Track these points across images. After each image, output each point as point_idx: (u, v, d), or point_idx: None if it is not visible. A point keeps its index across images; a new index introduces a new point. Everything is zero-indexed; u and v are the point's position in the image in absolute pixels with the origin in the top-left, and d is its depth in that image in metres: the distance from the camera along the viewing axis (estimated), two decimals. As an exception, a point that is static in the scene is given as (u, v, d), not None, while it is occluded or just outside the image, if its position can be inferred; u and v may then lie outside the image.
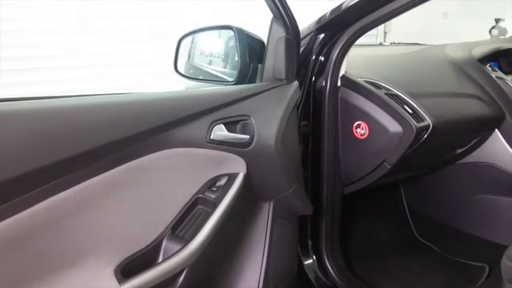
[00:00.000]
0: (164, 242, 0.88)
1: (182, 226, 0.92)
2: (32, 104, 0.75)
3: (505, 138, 1.61)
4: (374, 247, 1.87)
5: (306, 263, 1.50)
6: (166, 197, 0.91)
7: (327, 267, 1.49)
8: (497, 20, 2.35)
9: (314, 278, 1.50)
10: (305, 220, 1.46)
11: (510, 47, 1.83)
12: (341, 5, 1.28)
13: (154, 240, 0.88)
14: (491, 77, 1.65)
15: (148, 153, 0.86)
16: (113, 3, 3.33)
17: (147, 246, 0.86)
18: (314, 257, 1.50)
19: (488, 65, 1.73)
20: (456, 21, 3.94)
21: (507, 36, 2.32)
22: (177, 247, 0.87)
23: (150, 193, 0.88)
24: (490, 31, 2.39)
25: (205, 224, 0.91)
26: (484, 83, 1.63)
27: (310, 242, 1.50)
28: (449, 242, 1.89)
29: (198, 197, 0.95)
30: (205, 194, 0.96)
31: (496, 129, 1.61)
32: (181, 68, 1.39)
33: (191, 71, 1.41)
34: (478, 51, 1.76)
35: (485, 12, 2.87)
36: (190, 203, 0.94)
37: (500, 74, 1.71)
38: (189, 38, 1.42)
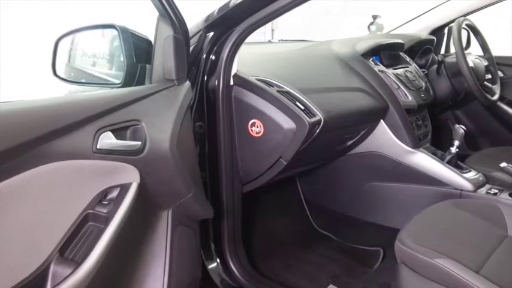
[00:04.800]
0: (52, 267, 0.80)
1: (72, 247, 0.84)
2: None
3: (389, 128, 1.71)
4: (276, 242, 1.89)
5: (210, 267, 1.48)
6: (52, 216, 0.82)
7: (232, 269, 1.48)
8: (374, 17, 2.50)
9: (219, 281, 1.48)
10: (206, 223, 1.43)
11: (389, 42, 1.96)
12: (229, 2, 1.26)
13: (40, 266, 0.79)
14: (374, 71, 1.75)
15: (27, 169, 0.77)
16: None
17: (33, 273, 0.78)
18: (218, 260, 1.48)
19: (371, 59, 1.83)
20: (338, 18, 4.15)
21: (384, 31, 2.47)
22: (67, 271, 0.79)
23: (31, 214, 0.79)
24: (368, 27, 2.53)
25: (97, 242, 0.84)
26: (368, 76, 1.72)
27: (213, 245, 1.48)
28: (346, 229, 1.98)
29: (88, 213, 0.87)
30: (96, 208, 0.88)
31: (382, 120, 1.71)
32: (60, 71, 1.27)
33: (72, 74, 1.30)
34: (361, 46, 1.85)
35: (364, 9, 3.05)
36: (79, 221, 0.85)
37: (381, 67, 1.82)
38: (69, 38, 1.30)
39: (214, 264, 1.48)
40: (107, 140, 0.89)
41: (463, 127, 1.74)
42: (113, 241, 0.85)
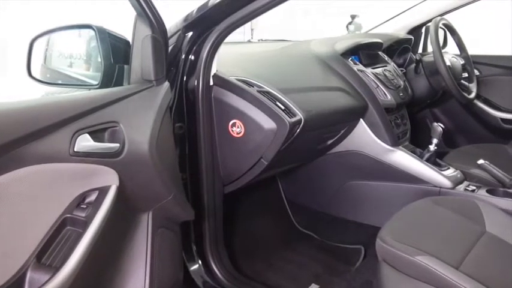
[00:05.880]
0: (29, 274, 0.78)
1: (49, 252, 0.81)
2: None
3: (369, 127, 1.72)
4: (258, 242, 1.89)
5: (192, 268, 1.46)
6: (28, 221, 0.80)
7: (214, 270, 1.47)
8: (353, 17, 2.51)
9: (202, 282, 1.47)
10: (187, 225, 1.42)
11: (368, 42, 1.97)
12: (207, 2, 1.25)
13: (16, 273, 0.77)
14: (353, 70, 1.75)
15: (2, 174, 0.75)
16: None
17: (8, 281, 0.76)
18: (200, 262, 1.47)
19: (350, 58, 1.83)
20: (317, 18, 4.18)
21: (362, 31, 2.49)
22: (44, 277, 0.77)
23: (7, 219, 0.77)
24: (347, 27, 2.54)
25: (76, 247, 0.82)
26: (348, 75, 1.73)
27: (194, 247, 1.46)
28: (327, 228, 1.98)
29: (66, 217, 0.85)
30: (74, 213, 0.86)
31: (361, 119, 1.72)
32: (36, 72, 1.24)
33: (48, 75, 1.27)
34: (340, 46, 1.86)
35: (343, 10, 3.06)
36: (56, 226, 0.83)
37: (361, 67, 1.83)
38: (44, 39, 1.27)
39: (196, 266, 1.47)
40: (85, 142, 0.88)
41: (441, 125, 1.76)
42: (91, 246, 0.84)
